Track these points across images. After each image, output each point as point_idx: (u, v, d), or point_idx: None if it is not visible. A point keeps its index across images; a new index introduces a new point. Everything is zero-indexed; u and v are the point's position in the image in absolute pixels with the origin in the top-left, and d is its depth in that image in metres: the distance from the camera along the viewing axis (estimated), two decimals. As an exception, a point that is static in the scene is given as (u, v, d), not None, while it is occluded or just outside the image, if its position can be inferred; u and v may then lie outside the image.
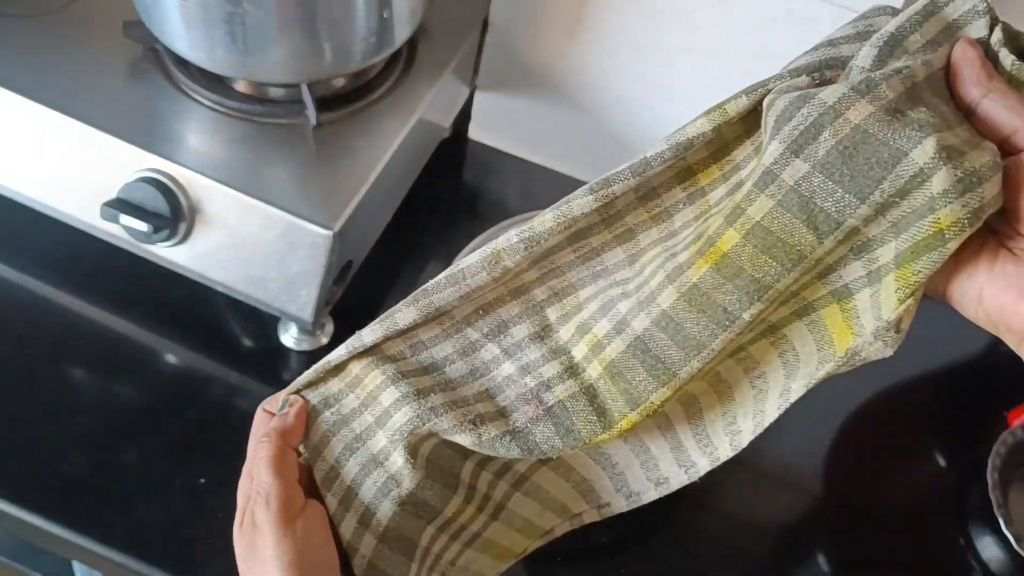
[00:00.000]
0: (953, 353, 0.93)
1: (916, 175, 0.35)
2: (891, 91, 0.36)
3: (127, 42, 0.72)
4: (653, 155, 0.44)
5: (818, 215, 0.37)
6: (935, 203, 0.35)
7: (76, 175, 0.69)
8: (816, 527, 0.76)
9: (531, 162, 0.98)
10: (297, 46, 0.66)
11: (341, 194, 0.67)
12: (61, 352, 0.73)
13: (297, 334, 0.76)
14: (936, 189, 0.35)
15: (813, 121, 0.37)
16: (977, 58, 0.38)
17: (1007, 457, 0.77)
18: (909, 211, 0.36)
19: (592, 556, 0.70)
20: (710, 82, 0.83)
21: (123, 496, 0.65)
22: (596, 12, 0.82)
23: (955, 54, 0.38)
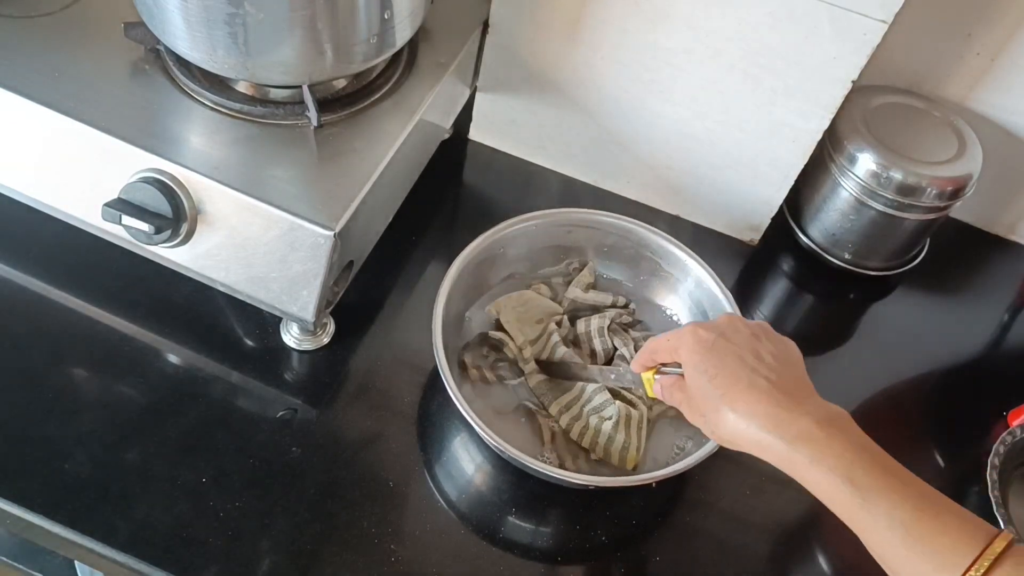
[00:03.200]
0: (953, 353, 0.93)
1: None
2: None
3: (128, 43, 0.72)
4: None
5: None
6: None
7: (78, 176, 0.70)
8: (816, 527, 0.76)
9: (531, 163, 0.98)
10: (298, 47, 0.66)
11: (342, 195, 0.67)
12: (63, 352, 0.73)
13: (298, 334, 0.76)
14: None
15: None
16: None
17: (1007, 457, 0.77)
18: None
19: (592, 556, 0.70)
20: (710, 83, 0.84)
21: (125, 496, 0.65)
22: (596, 14, 0.83)
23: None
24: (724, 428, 0.57)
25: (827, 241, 0.95)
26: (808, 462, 0.53)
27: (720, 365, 0.58)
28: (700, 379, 0.58)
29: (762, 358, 0.58)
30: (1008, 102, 0.92)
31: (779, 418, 0.54)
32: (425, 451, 0.73)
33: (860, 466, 0.52)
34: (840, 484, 0.51)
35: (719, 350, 0.58)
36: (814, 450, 0.53)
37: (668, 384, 0.63)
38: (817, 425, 0.53)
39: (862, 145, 0.87)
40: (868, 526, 0.51)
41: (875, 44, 0.76)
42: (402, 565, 0.66)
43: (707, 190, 0.93)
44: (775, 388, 0.56)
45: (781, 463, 0.54)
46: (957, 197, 0.88)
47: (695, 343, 0.59)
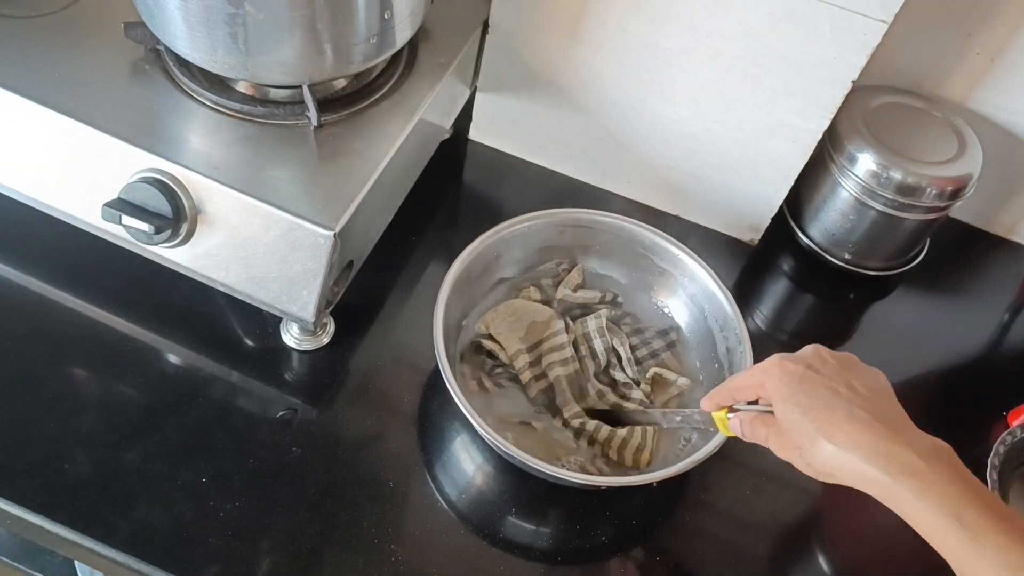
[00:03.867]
0: (953, 353, 0.93)
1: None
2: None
3: (128, 42, 0.72)
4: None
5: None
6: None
7: (78, 176, 0.70)
8: (816, 527, 0.76)
9: (531, 163, 0.98)
10: (299, 47, 0.66)
11: (342, 195, 0.67)
12: (63, 352, 0.73)
13: (299, 334, 0.76)
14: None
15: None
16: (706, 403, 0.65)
17: (1007, 457, 0.77)
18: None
19: (592, 556, 0.70)
20: (710, 83, 0.84)
21: (125, 496, 0.65)
22: (596, 14, 0.83)
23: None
24: (822, 461, 0.55)
25: (827, 241, 0.95)
26: (913, 497, 0.51)
27: (813, 397, 0.56)
28: (793, 412, 0.56)
29: (855, 389, 0.56)
30: (1008, 102, 0.92)
31: (881, 450, 0.53)
32: (425, 451, 0.73)
33: (969, 505, 0.50)
34: (947, 522, 0.50)
35: (810, 381, 0.56)
36: (920, 484, 0.51)
37: (748, 420, 0.61)
38: (921, 458, 0.52)
39: (862, 145, 0.87)
40: (973, 566, 0.49)
41: (875, 44, 0.76)
42: (402, 565, 0.66)
43: (707, 190, 0.93)
44: (874, 419, 0.54)
45: (884, 496, 0.53)
46: (957, 197, 0.88)
47: (783, 375, 0.57)
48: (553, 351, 0.77)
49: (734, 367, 0.75)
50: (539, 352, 0.77)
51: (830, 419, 0.54)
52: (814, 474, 0.56)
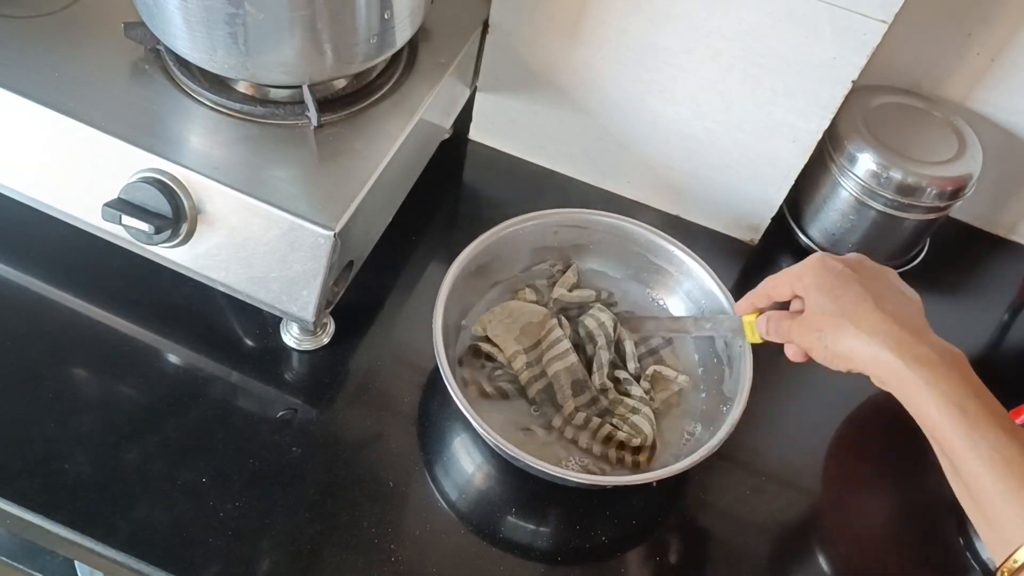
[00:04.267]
0: (953, 353, 0.93)
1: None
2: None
3: (128, 42, 0.72)
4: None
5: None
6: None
7: (78, 176, 0.70)
8: (816, 527, 0.76)
9: (531, 163, 0.98)
10: (299, 47, 0.66)
11: (342, 195, 0.67)
12: (63, 352, 0.73)
13: (299, 334, 0.76)
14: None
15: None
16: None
17: (1007, 457, 0.77)
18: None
19: (592, 556, 0.70)
20: (710, 83, 0.84)
21: (125, 495, 0.65)
22: (596, 14, 0.83)
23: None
24: (842, 342, 0.58)
25: (827, 241, 0.95)
26: (924, 384, 0.54)
27: (846, 289, 0.59)
28: (823, 298, 0.60)
29: (886, 295, 0.59)
30: (1008, 102, 0.92)
31: (901, 339, 0.56)
32: (425, 451, 0.73)
33: (974, 399, 0.53)
34: (951, 409, 0.53)
35: (847, 277, 0.60)
36: (932, 374, 0.54)
37: (775, 316, 0.65)
38: (938, 355, 0.55)
39: (862, 145, 0.87)
40: (969, 456, 0.52)
41: (875, 44, 0.76)
42: (402, 565, 0.66)
43: (707, 190, 0.93)
44: (898, 317, 0.58)
45: (894, 383, 0.56)
46: (957, 197, 0.88)
47: (822, 268, 0.61)
48: (551, 349, 0.77)
49: (733, 362, 0.75)
50: (537, 352, 0.77)
51: (857, 308, 0.58)
52: (831, 359, 0.60)
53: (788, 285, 0.64)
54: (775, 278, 0.65)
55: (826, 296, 0.60)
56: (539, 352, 0.77)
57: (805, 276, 0.62)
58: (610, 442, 0.73)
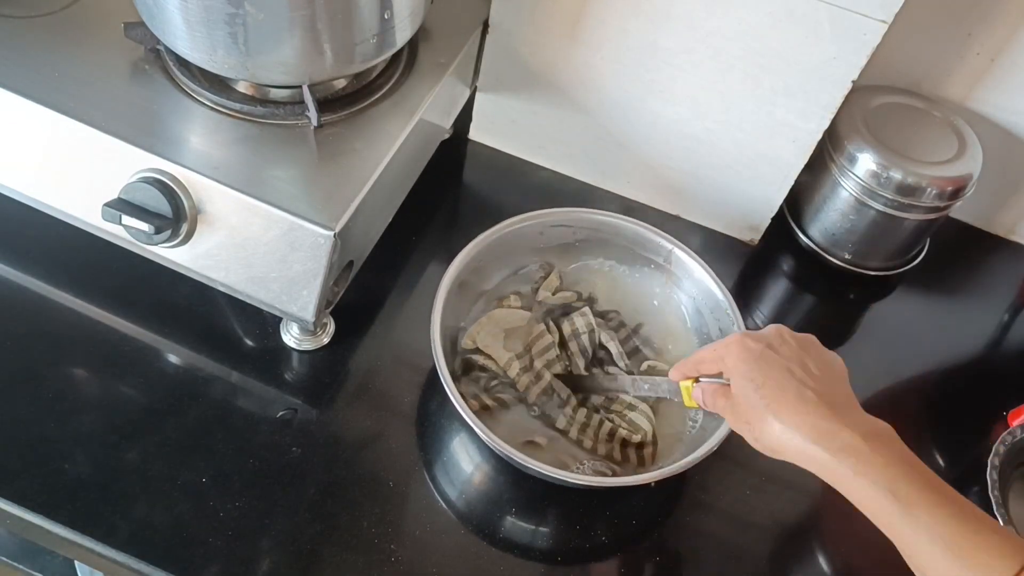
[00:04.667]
0: (953, 353, 0.93)
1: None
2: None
3: (128, 42, 0.72)
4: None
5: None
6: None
7: (78, 176, 0.70)
8: (816, 527, 0.76)
9: (531, 163, 0.98)
10: (299, 48, 0.66)
11: (342, 195, 0.67)
12: (63, 352, 0.73)
13: (299, 334, 0.76)
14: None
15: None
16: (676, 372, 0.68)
17: (1007, 457, 0.77)
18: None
19: (592, 556, 0.70)
20: (710, 83, 0.84)
21: (125, 495, 0.65)
22: (596, 14, 0.83)
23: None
24: (769, 437, 0.57)
25: (827, 241, 0.95)
26: (852, 474, 0.53)
27: (767, 375, 0.58)
28: (747, 388, 0.59)
29: (809, 371, 0.58)
30: (1008, 102, 0.92)
31: (824, 430, 0.55)
32: (425, 451, 0.73)
33: (904, 479, 0.52)
34: (883, 497, 0.52)
35: (767, 360, 0.59)
36: (858, 462, 0.53)
37: (710, 391, 0.63)
38: (862, 438, 0.54)
39: (862, 145, 0.87)
40: (909, 539, 0.52)
41: (875, 44, 0.76)
42: (402, 565, 0.66)
43: (707, 190, 0.93)
44: (821, 401, 0.56)
45: (825, 474, 0.55)
46: (957, 197, 0.88)
47: (742, 352, 0.60)
48: (543, 353, 0.77)
49: None
50: (530, 356, 0.77)
51: (780, 398, 0.57)
52: (762, 449, 0.59)
53: (713, 364, 0.63)
54: (701, 353, 0.65)
55: (749, 385, 0.59)
56: (530, 356, 0.77)
57: (728, 359, 0.61)
58: (613, 439, 0.73)
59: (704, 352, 0.64)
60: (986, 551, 0.49)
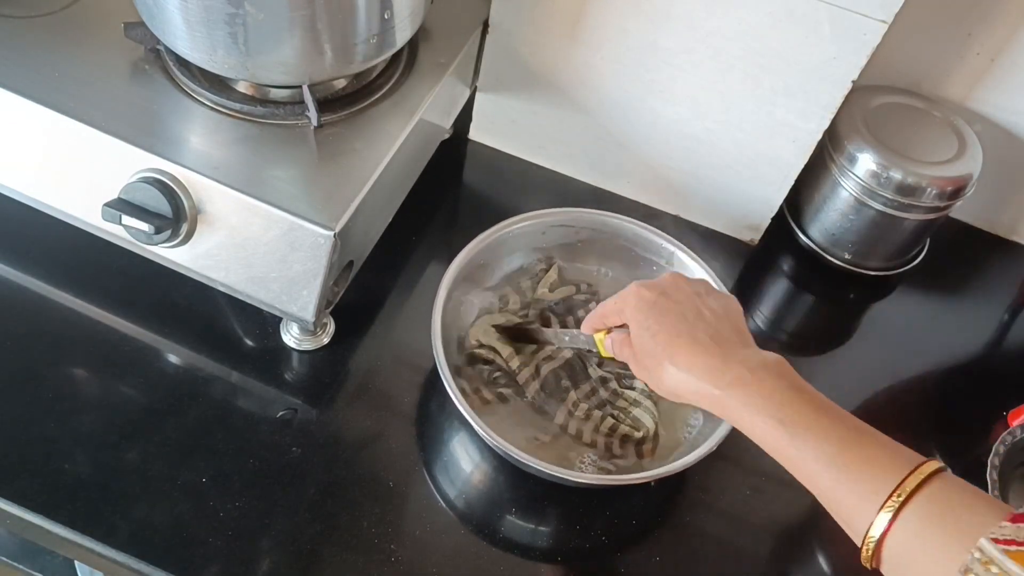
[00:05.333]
0: (953, 353, 0.93)
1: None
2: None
3: (128, 42, 0.72)
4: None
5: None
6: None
7: (78, 176, 0.70)
8: (816, 527, 0.76)
9: (531, 163, 0.98)
10: (299, 47, 0.66)
11: (342, 195, 0.67)
12: (63, 352, 0.73)
13: (299, 334, 0.76)
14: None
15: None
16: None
17: (1007, 457, 0.77)
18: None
19: (592, 556, 0.70)
20: (710, 83, 0.84)
21: (125, 495, 0.65)
22: (596, 14, 0.83)
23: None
24: (666, 381, 0.60)
25: (827, 241, 0.95)
26: (740, 405, 0.56)
27: (662, 322, 0.61)
28: (643, 336, 0.61)
29: (702, 314, 0.61)
30: (1008, 102, 0.92)
31: (715, 368, 0.57)
32: (425, 451, 0.73)
33: (790, 406, 0.54)
34: (769, 423, 0.54)
35: (660, 308, 0.62)
36: (746, 394, 0.56)
37: (619, 341, 0.66)
38: (750, 371, 0.56)
39: (862, 145, 0.87)
40: (797, 462, 0.53)
41: (875, 44, 0.76)
42: (402, 565, 0.66)
43: (707, 190, 0.93)
44: (713, 341, 0.59)
45: (718, 409, 0.58)
46: (957, 197, 0.88)
47: (638, 302, 0.63)
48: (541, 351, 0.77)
49: None
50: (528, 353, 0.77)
51: (674, 342, 0.60)
52: (664, 394, 0.61)
53: (615, 316, 0.66)
54: (603, 307, 0.67)
55: (645, 332, 0.61)
56: (530, 352, 0.77)
57: (626, 310, 0.63)
58: (613, 434, 0.73)
59: (606, 305, 0.67)
60: (872, 464, 0.50)
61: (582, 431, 0.74)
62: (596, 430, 0.73)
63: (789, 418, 0.54)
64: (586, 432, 0.73)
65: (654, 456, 0.73)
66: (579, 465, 0.72)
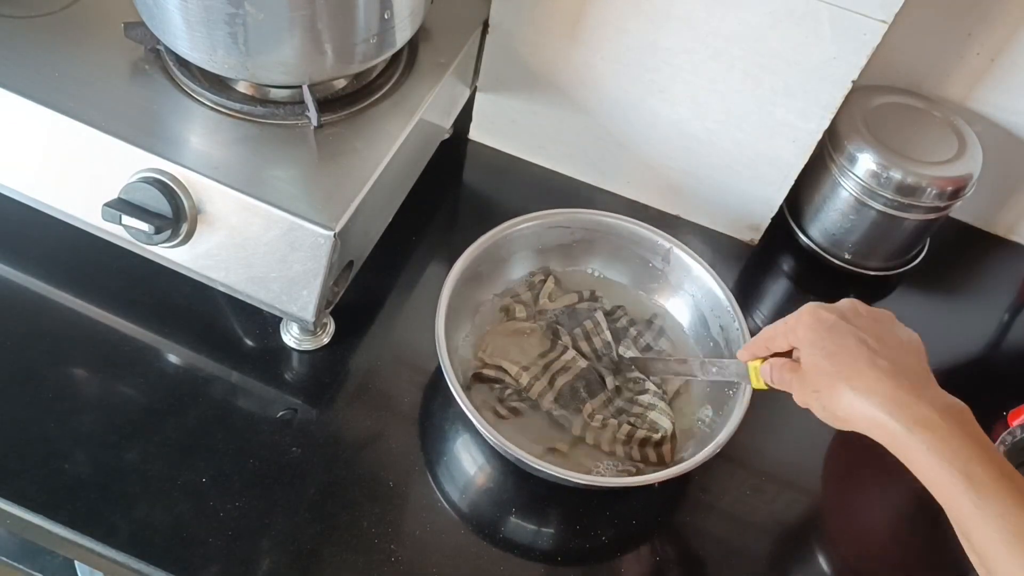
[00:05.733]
0: (953, 353, 0.93)
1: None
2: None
3: (128, 42, 0.72)
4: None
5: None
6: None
7: (78, 176, 0.70)
8: (816, 527, 0.76)
9: (531, 163, 0.98)
10: (299, 47, 0.66)
11: (342, 195, 0.67)
12: (63, 352, 0.73)
13: (299, 334, 0.76)
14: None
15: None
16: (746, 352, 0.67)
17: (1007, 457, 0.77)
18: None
19: (593, 556, 0.70)
20: (709, 83, 0.84)
21: (125, 495, 0.65)
22: (596, 14, 0.83)
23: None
24: (839, 404, 0.56)
25: (827, 241, 0.95)
26: (925, 449, 0.52)
27: (840, 344, 0.57)
28: (817, 356, 0.58)
29: (884, 343, 0.57)
30: (1008, 102, 0.93)
31: (899, 400, 0.54)
32: (425, 451, 0.73)
33: (978, 462, 0.51)
34: (956, 477, 0.51)
35: (839, 330, 0.58)
36: (933, 438, 0.52)
37: (778, 365, 0.62)
38: (938, 414, 0.52)
39: (862, 145, 0.87)
40: (977, 524, 0.50)
41: (875, 44, 0.76)
42: (402, 565, 0.66)
43: (707, 190, 0.93)
44: (897, 371, 0.55)
45: (895, 446, 0.54)
46: (957, 197, 0.88)
47: (814, 322, 0.59)
48: (556, 362, 0.77)
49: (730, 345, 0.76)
50: (541, 365, 0.77)
51: (852, 365, 0.56)
52: (830, 418, 0.57)
53: (783, 338, 0.62)
54: (771, 329, 0.64)
55: (820, 353, 0.58)
56: (543, 365, 0.77)
57: (799, 329, 0.60)
58: (631, 440, 0.73)
59: (774, 328, 0.63)
60: None
61: (600, 441, 0.73)
62: (614, 438, 0.73)
63: (978, 477, 0.50)
64: (604, 441, 0.73)
65: (673, 458, 0.73)
66: (596, 470, 0.72)
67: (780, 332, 0.62)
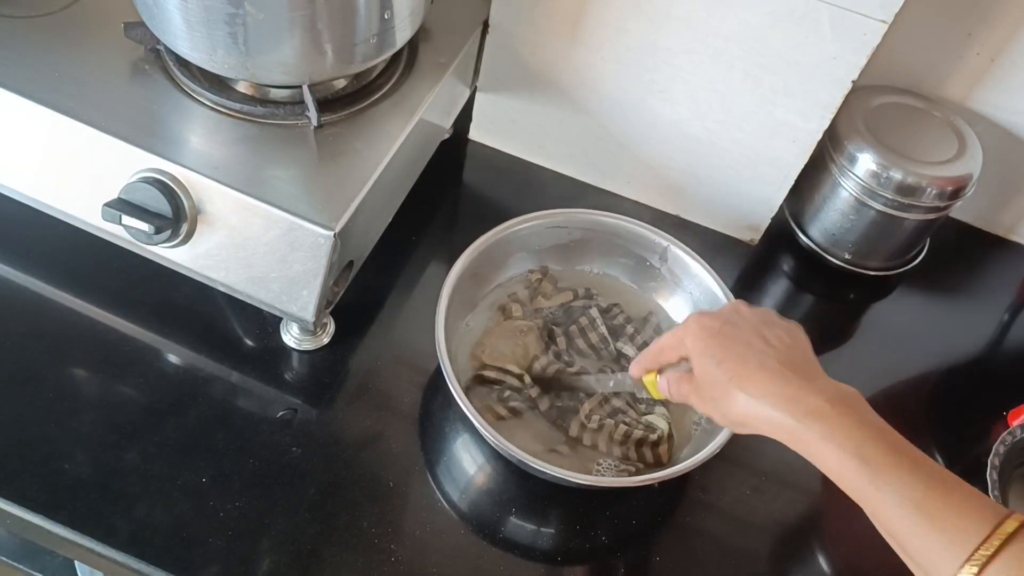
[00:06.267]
0: (953, 353, 0.93)
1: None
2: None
3: (128, 42, 0.72)
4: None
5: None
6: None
7: (78, 176, 0.70)
8: (816, 527, 0.76)
9: (531, 163, 0.98)
10: (299, 47, 0.66)
11: (342, 195, 0.67)
12: (63, 352, 0.73)
13: (299, 334, 0.76)
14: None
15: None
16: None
17: (1007, 457, 0.77)
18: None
19: (592, 556, 0.70)
20: (709, 83, 0.84)
21: (125, 495, 0.65)
22: (596, 14, 0.83)
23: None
24: (735, 410, 0.57)
25: (827, 241, 0.95)
26: (819, 439, 0.53)
27: (727, 349, 0.58)
28: (708, 365, 0.58)
29: (769, 341, 0.58)
30: (1008, 102, 0.92)
31: (789, 396, 0.55)
32: (425, 451, 0.73)
33: (871, 444, 0.52)
34: (850, 461, 0.52)
35: (725, 335, 0.59)
36: (825, 427, 0.53)
37: (674, 379, 0.63)
38: (828, 403, 0.54)
39: (862, 145, 0.87)
40: (877, 503, 0.51)
41: (875, 44, 0.76)
42: (402, 565, 0.66)
43: (707, 190, 0.93)
44: (785, 368, 0.56)
45: (792, 441, 0.55)
46: (957, 197, 0.88)
47: (700, 331, 0.60)
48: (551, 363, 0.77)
49: None
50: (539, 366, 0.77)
51: (742, 370, 0.57)
52: (731, 425, 0.59)
53: (673, 350, 0.63)
54: (661, 342, 0.64)
55: (710, 362, 0.58)
56: (541, 366, 0.77)
57: (687, 340, 0.60)
58: (628, 441, 0.73)
59: (663, 340, 0.64)
60: (957, 513, 0.48)
61: (597, 442, 0.73)
62: (611, 439, 0.73)
63: (871, 457, 0.51)
64: (601, 442, 0.73)
65: (670, 459, 0.73)
66: (596, 470, 0.72)
67: (669, 344, 0.63)
